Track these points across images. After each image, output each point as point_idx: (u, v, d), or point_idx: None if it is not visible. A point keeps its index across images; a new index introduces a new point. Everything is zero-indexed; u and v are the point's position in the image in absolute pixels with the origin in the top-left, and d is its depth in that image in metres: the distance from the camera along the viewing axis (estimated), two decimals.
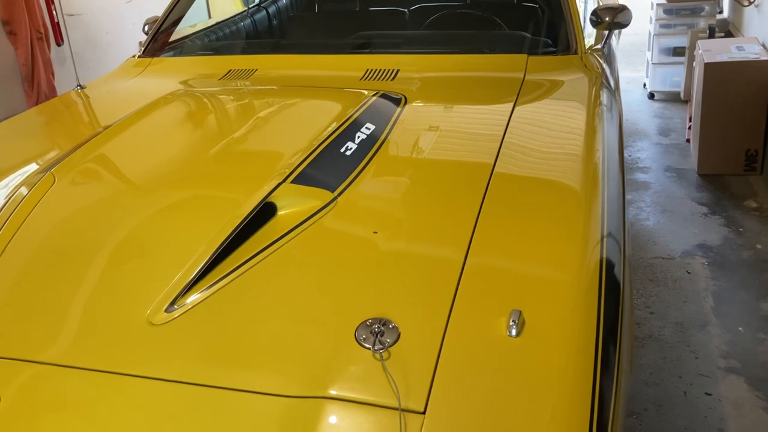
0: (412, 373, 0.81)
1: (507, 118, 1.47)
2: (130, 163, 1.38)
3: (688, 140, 4.10)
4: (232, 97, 1.76)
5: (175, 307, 0.94)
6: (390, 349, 0.84)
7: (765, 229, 2.81)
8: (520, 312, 0.86)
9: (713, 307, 2.23)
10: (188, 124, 1.59)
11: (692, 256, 2.62)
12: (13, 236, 1.14)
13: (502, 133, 1.39)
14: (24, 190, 1.28)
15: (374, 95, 1.58)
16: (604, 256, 1.03)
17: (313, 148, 1.28)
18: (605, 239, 1.08)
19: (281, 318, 0.93)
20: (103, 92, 2.04)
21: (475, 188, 1.19)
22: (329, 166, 1.25)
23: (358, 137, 1.36)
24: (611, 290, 0.97)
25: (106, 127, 1.55)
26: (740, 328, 2.09)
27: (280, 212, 1.14)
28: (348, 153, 1.30)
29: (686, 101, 4.62)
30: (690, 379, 1.90)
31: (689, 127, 4.21)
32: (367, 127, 1.40)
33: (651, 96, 4.77)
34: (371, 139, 1.37)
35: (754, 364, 1.92)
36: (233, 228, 1.05)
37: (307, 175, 1.20)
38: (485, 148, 1.34)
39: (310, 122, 1.46)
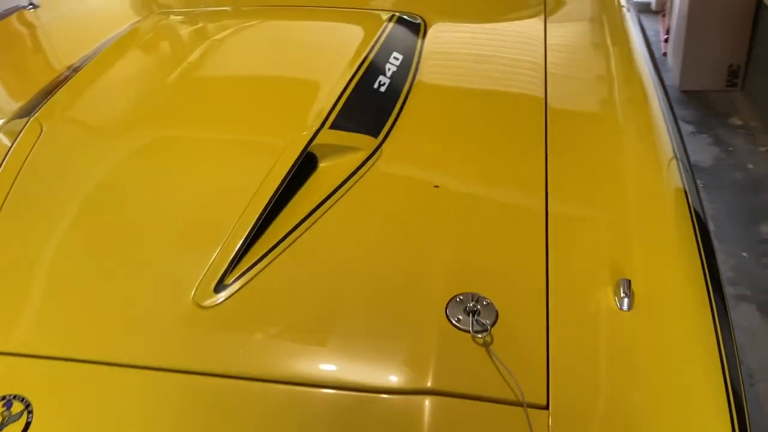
0: (524, 361, 0.71)
1: (542, 41, 1.34)
2: (129, 106, 1.18)
3: (664, 54, 4.03)
4: (227, 20, 1.54)
5: (226, 285, 0.81)
6: (492, 331, 0.74)
7: (753, 147, 2.80)
8: (629, 281, 0.77)
9: (714, 232, 2.23)
10: (182, 56, 1.38)
11: None
12: (5, 200, 0.96)
13: (543, 60, 1.26)
14: (5, 140, 1.08)
15: (391, 18, 1.40)
16: (690, 198, 0.95)
17: (345, 83, 1.12)
18: (683, 176, 0.99)
19: (355, 295, 0.80)
20: (63, 14, 1.77)
21: (533, 126, 1.07)
22: (366, 106, 1.10)
23: (389, 69, 1.20)
24: (705, 235, 0.89)
25: (87, 59, 1.33)
26: (744, 254, 2.10)
27: (322, 164, 0.99)
28: (382, 89, 1.15)
29: (658, 12, 4.51)
30: None
31: (665, 40, 4.12)
32: (395, 57, 1.24)
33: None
34: (403, 70, 1.21)
35: (763, 290, 1.93)
36: (276, 185, 0.90)
37: (346, 118, 1.05)
38: (530, 78, 1.20)
39: (332, 51, 1.29)
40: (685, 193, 0.95)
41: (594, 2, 1.60)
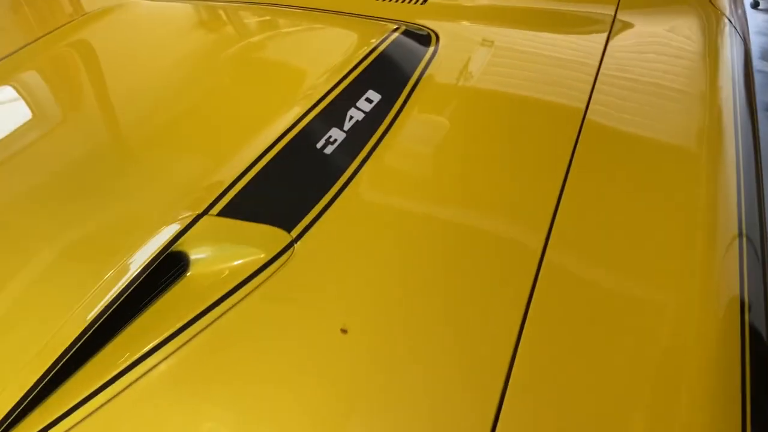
0: None
1: (593, 77, 0.95)
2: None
3: None
4: (187, 16, 1.23)
5: None
6: None
7: None
8: None
9: None
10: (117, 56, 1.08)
11: None
12: None
13: (585, 103, 0.88)
14: None
15: (394, 31, 1.05)
16: (747, 306, 0.59)
17: (273, 138, 0.78)
18: (744, 266, 0.66)
19: None
20: None
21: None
22: (292, 178, 0.76)
23: (350, 118, 0.85)
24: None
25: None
26: None
27: (192, 270, 0.67)
28: (328, 150, 0.80)
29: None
30: None
31: None
32: (368, 98, 0.89)
33: (755, 4, 3.92)
34: (372, 119, 0.86)
35: None
36: (101, 307, 0.60)
37: (251, 197, 0.72)
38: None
39: (280, 78, 0.93)
40: (743, 299, 0.59)
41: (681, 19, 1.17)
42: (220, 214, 0.69)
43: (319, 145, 0.79)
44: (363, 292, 0.64)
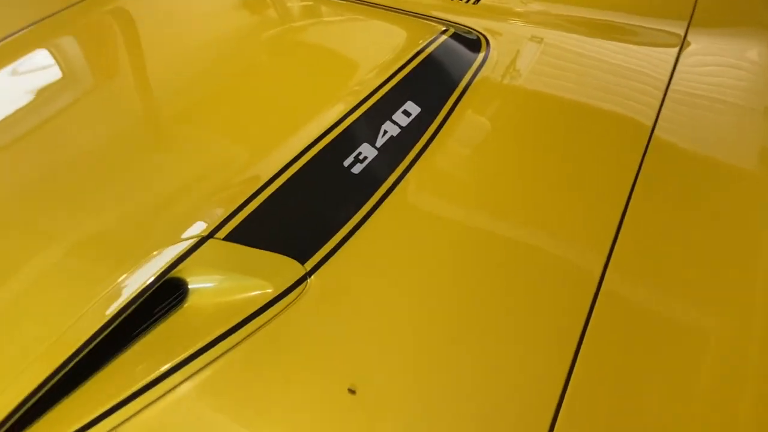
0: None
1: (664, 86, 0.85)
2: None
3: None
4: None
5: None
6: None
7: None
8: None
9: None
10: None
11: None
12: None
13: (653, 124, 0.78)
14: None
15: (441, 34, 0.95)
16: None
17: (294, 154, 0.70)
18: None
19: None
20: None
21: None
22: (309, 202, 0.68)
23: (384, 133, 0.76)
24: None
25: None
26: None
27: (190, 301, 0.60)
28: (356, 169, 0.72)
29: None
30: None
31: None
32: (405, 111, 0.80)
33: None
34: (409, 135, 0.77)
35: None
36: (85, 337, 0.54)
37: (261, 222, 0.64)
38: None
39: (311, 85, 0.85)
40: None
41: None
42: (228, 237, 0.61)
43: (346, 163, 0.71)
44: (383, 344, 0.56)
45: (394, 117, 0.78)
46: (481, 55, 0.94)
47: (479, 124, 0.82)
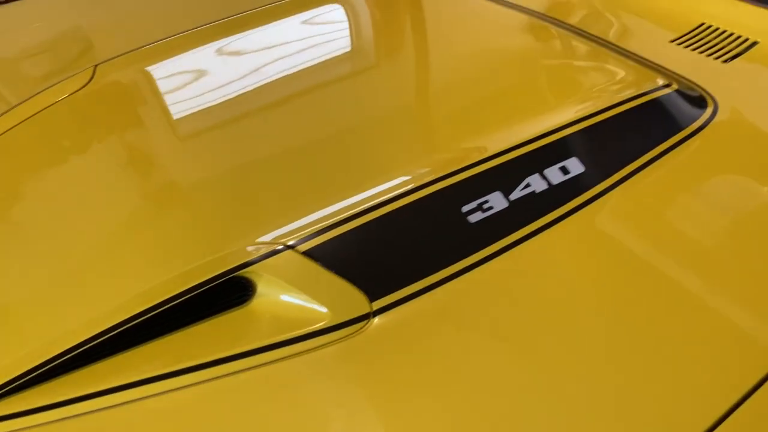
0: None
1: None
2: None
3: None
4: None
5: None
6: None
7: None
8: None
9: None
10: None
11: None
12: None
13: None
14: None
15: (661, 88, 0.81)
16: None
17: (411, 186, 0.65)
18: None
19: None
20: None
21: None
22: (408, 238, 0.63)
23: (527, 186, 0.67)
24: None
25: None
26: None
27: (254, 302, 0.60)
28: (474, 218, 0.64)
29: None
30: None
31: None
32: (564, 167, 0.69)
33: None
34: (550, 197, 0.67)
35: None
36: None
37: (344, 247, 0.61)
38: None
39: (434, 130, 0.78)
40: None
41: None
42: (307, 253, 0.60)
43: (465, 208, 0.64)
44: (428, 412, 0.51)
45: (545, 172, 0.69)
46: (700, 121, 0.78)
47: (658, 213, 0.68)
